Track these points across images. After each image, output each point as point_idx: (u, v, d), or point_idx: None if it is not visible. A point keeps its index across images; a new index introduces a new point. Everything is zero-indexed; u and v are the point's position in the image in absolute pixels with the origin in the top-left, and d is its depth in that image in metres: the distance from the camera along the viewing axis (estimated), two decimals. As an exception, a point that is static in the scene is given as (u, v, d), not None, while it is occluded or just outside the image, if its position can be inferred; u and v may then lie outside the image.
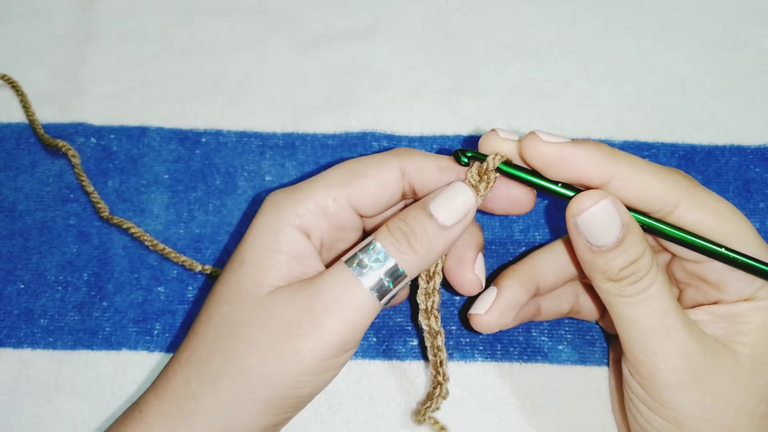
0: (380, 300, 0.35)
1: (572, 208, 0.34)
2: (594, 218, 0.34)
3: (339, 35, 0.58)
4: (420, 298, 0.38)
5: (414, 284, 0.39)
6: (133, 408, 0.36)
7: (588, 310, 0.45)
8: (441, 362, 0.39)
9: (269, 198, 0.37)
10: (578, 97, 0.56)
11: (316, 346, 0.33)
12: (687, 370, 0.34)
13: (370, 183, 0.37)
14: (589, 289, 0.44)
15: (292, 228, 0.36)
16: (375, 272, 0.34)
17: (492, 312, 0.40)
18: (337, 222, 0.37)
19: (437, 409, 0.40)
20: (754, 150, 0.53)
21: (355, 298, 0.34)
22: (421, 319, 0.39)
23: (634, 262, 0.34)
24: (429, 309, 0.38)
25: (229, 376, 0.34)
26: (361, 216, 0.38)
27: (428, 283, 0.38)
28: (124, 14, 0.59)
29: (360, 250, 0.35)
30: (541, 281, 0.42)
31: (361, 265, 0.34)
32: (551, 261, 0.42)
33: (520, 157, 0.36)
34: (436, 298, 0.38)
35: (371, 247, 0.35)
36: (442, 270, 0.38)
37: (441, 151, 0.53)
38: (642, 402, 0.37)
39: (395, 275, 0.35)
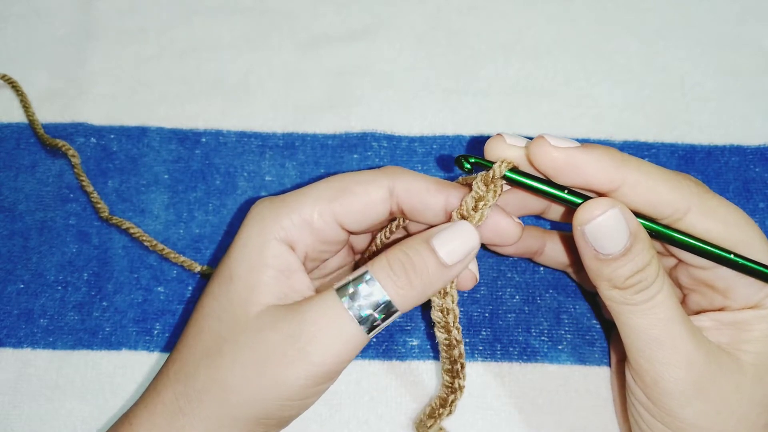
0: (368, 333, 0.34)
1: (579, 217, 0.34)
2: (602, 227, 0.33)
3: (339, 35, 0.58)
4: (436, 314, 0.37)
5: None
6: (123, 420, 0.36)
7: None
8: (460, 368, 0.38)
9: (254, 209, 0.37)
10: (578, 97, 0.56)
11: (299, 375, 0.33)
12: (691, 379, 0.34)
13: (357, 200, 0.36)
14: None
15: (277, 241, 0.35)
16: (366, 306, 0.33)
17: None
18: (321, 236, 0.36)
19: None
20: (754, 150, 0.53)
21: (342, 331, 0.33)
22: (440, 333, 0.37)
23: (641, 270, 0.34)
24: (452, 323, 0.37)
25: (213, 393, 0.34)
26: (347, 231, 0.38)
27: (444, 298, 0.37)
28: (124, 14, 0.59)
29: (353, 280, 0.34)
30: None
31: (352, 297, 0.33)
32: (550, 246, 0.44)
33: (529, 162, 0.36)
34: (456, 312, 0.37)
35: (365, 278, 0.34)
36: (452, 283, 0.37)
37: (441, 151, 0.53)
38: (645, 409, 0.36)
39: (387, 310, 0.34)
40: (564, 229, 0.48)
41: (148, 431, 0.34)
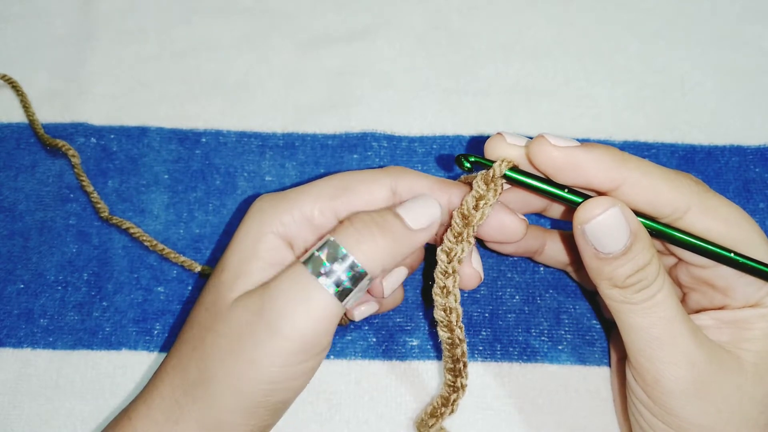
0: (341, 301, 0.33)
1: (580, 216, 0.34)
2: (602, 226, 0.33)
3: (339, 35, 0.58)
4: (438, 313, 0.37)
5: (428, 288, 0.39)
6: (123, 415, 0.36)
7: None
8: (462, 367, 0.38)
9: (256, 204, 0.37)
10: (578, 97, 0.56)
11: (272, 353, 0.32)
12: (692, 378, 0.34)
13: (359, 199, 0.36)
14: None
15: (274, 236, 0.35)
16: (332, 271, 0.33)
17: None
18: (322, 233, 0.36)
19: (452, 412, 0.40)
20: (754, 150, 0.53)
21: (309, 300, 0.32)
22: (443, 332, 0.37)
23: (641, 269, 0.34)
24: (454, 323, 0.37)
25: (202, 385, 0.34)
26: None
27: (446, 297, 0.37)
28: (124, 14, 0.59)
29: (317, 248, 0.34)
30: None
31: (316, 264, 0.33)
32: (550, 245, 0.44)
33: (528, 161, 0.36)
34: (459, 311, 0.37)
35: (329, 243, 0.34)
36: (455, 281, 0.37)
37: (441, 151, 0.53)
38: (646, 408, 0.36)
39: (354, 272, 0.33)
40: (564, 227, 0.48)
41: (147, 426, 0.34)
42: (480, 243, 0.44)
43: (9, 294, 0.48)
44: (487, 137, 0.37)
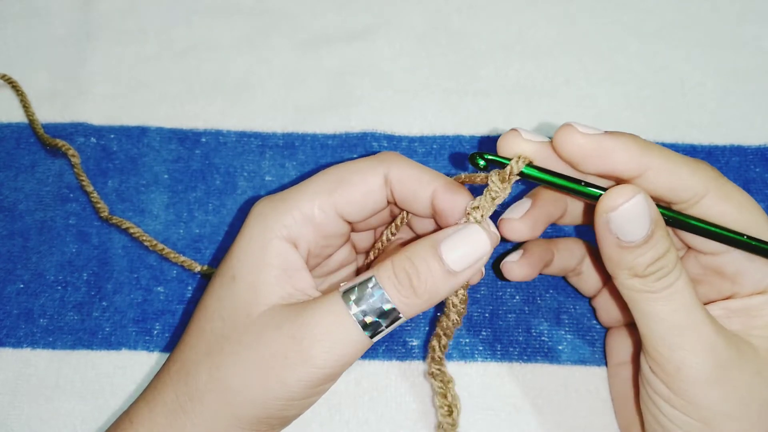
0: (372, 338, 0.34)
1: (605, 205, 0.33)
2: (627, 214, 0.33)
3: (339, 35, 0.58)
4: (452, 317, 0.37)
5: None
6: (124, 418, 0.36)
7: (587, 277, 0.45)
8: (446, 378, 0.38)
9: (255, 208, 0.37)
10: (578, 97, 0.56)
11: (302, 377, 0.33)
12: (714, 365, 0.34)
13: (356, 190, 0.36)
14: (595, 255, 0.44)
15: (279, 240, 0.35)
16: (371, 311, 0.33)
17: (526, 219, 0.37)
18: (324, 230, 0.37)
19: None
20: (754, 150, 0.53)
21: (346, 336, 0.33)
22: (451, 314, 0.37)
23: (662, 257, 0.34)
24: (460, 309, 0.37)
25: (215, 392, 0.34)
26: (348, 222, 0.38)
27: (449, 315, 0.37)
28: (124, 14, 0.59)
29: (359, 285, 0.34)
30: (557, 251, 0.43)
31: (357, 301, 0.33)
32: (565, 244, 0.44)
33: (554, 150, 0.35)
34: (465, 297, 0.37)
35: (371, 284, 0.34)
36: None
37: (441, 151, 0.53)
38: (665, 401, 0.36)
39: (391, 317, 0.34)
40: (570, 234, 0.48)
41: (149, 429, 0.34)
42: None
43: (9, 294, 0.48)
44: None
